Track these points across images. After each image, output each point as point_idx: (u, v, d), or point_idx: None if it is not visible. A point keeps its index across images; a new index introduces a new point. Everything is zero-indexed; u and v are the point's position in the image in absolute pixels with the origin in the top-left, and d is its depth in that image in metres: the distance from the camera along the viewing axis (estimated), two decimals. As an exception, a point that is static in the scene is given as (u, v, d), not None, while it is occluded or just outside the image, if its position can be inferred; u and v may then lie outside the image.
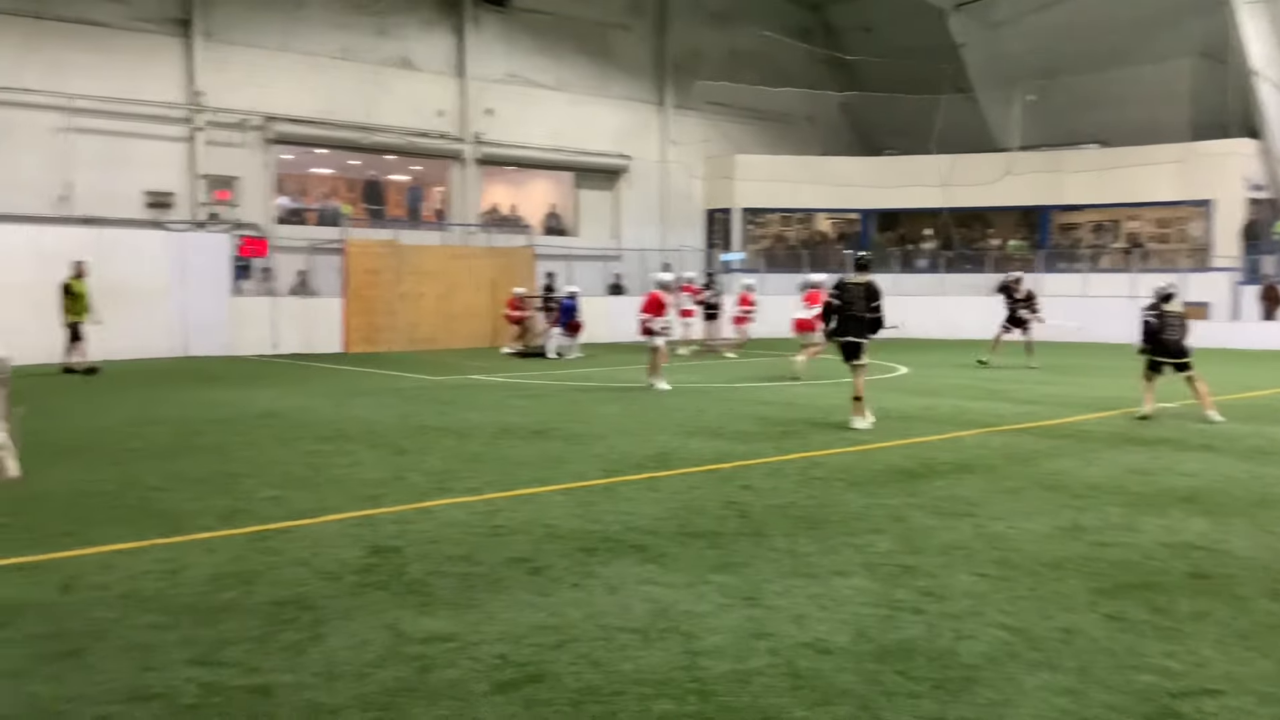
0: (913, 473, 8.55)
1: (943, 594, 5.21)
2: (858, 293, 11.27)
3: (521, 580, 5.43)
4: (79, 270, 17.76)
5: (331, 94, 25.07)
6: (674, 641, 4.51)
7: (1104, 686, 4.05)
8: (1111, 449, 9.81)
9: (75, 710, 3.79)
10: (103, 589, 5.26)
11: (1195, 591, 5.30)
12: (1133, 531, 6.56)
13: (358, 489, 7.83)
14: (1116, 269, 28.63)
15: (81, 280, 17.68)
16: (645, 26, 30.98)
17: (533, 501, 7.40)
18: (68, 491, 7.68)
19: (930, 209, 31.68)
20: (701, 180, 32.13)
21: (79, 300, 17.56)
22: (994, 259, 30.16)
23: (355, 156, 27.74)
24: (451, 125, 27.24)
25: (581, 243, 29.51)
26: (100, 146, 21.97)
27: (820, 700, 3.90)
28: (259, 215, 24.09)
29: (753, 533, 6.49)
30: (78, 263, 17.87)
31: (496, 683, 4.06)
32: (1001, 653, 4.40)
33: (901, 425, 11.35)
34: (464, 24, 27.17)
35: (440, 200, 29.03)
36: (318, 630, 4.64)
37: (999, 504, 7.36)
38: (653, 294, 15.58)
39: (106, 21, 22.02)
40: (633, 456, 9.29)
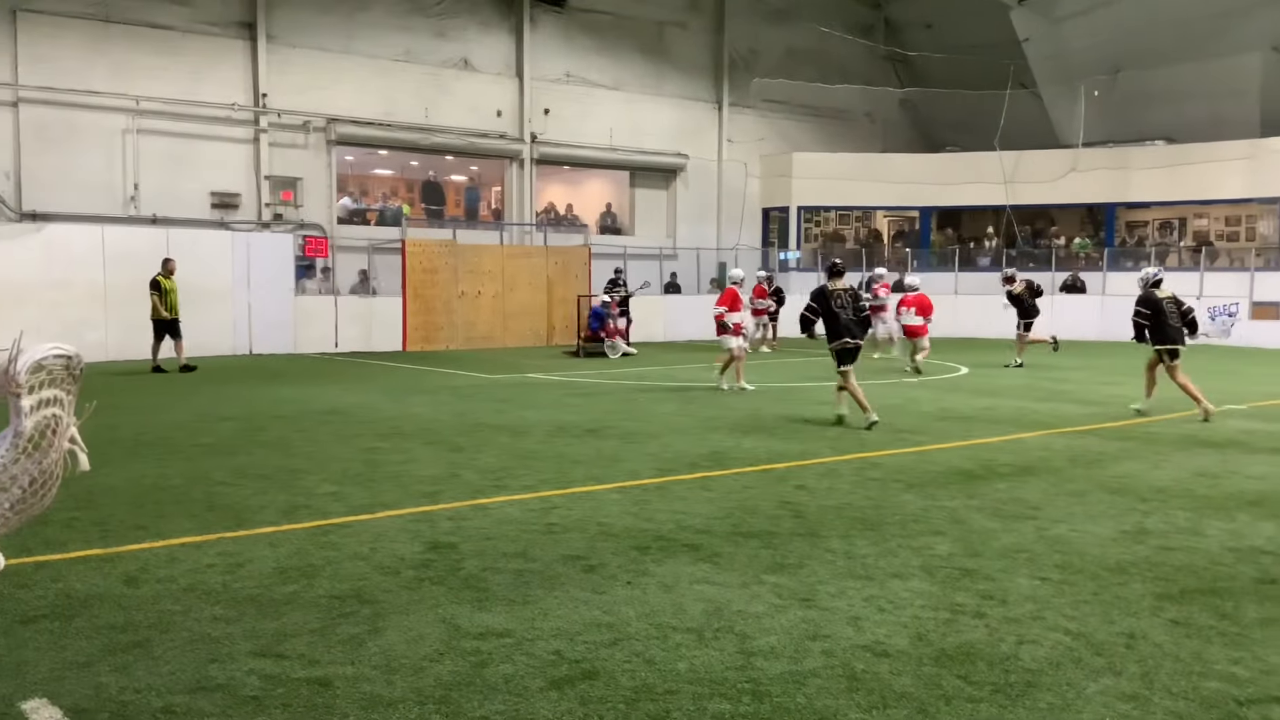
0: (973, 474, 8.45)
1: (1003, 597, 5.14)
2: (847, 299, 11.56)
3: (576, 578, 5.45)
4: (169, 268, 18.09)
5: (392, 95, 25.35)
6: (728, 641, 4.50)
7: (1168, 693, 3.97)
8: (1179, 451, 9.62)
9: (142, 700, 3.87)
10: (169, 581, 5.37)
11: (1263, 597, 5.18)
12: (1199, 535, 6.43)
13: (415, 485, 7.91)
14: (1184, 268, 28.03)
15: (171, 278, 18.02)
16: (702, 24, 30.91)
17: (587, 499, 7.43)
18: (137, 486, 7.85)
19: (992, 206, 31.25)
20: (758, 178, 32.00)
21: (169, 297, 17.86)
22: (1058, 257, 29.69)
23: (415, 157, 28.02)
24: (509, 125, 27.40)
25: (637, 242, 29.53)
26: (166, 148, 22.41)
27: (877, 703, 3.87)
28: (321, 215, 24.43)
29: (808, 533, 6.45)
30: (167, 260, 18.22)
31: (551, 679, 4.08)
32: (1063, 657, 4.33)
33: (961, 426, 11.22)
34: (522, 25, 27.31)
35: (497, 200, 29.23)
36: (376, 624, 4.70)
37: (1062, 506, 7.24)
38: (729, 289, 15.46)
39: (172, 25, 22.46)
40: (687, 455, 9.28)
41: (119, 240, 20.16)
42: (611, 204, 30.94)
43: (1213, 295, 25.98)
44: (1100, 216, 31.05)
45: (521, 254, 25.60)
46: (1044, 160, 30.14)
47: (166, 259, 18.31)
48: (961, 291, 29.06)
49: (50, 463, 1.61)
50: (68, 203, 21.11)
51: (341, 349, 22.36)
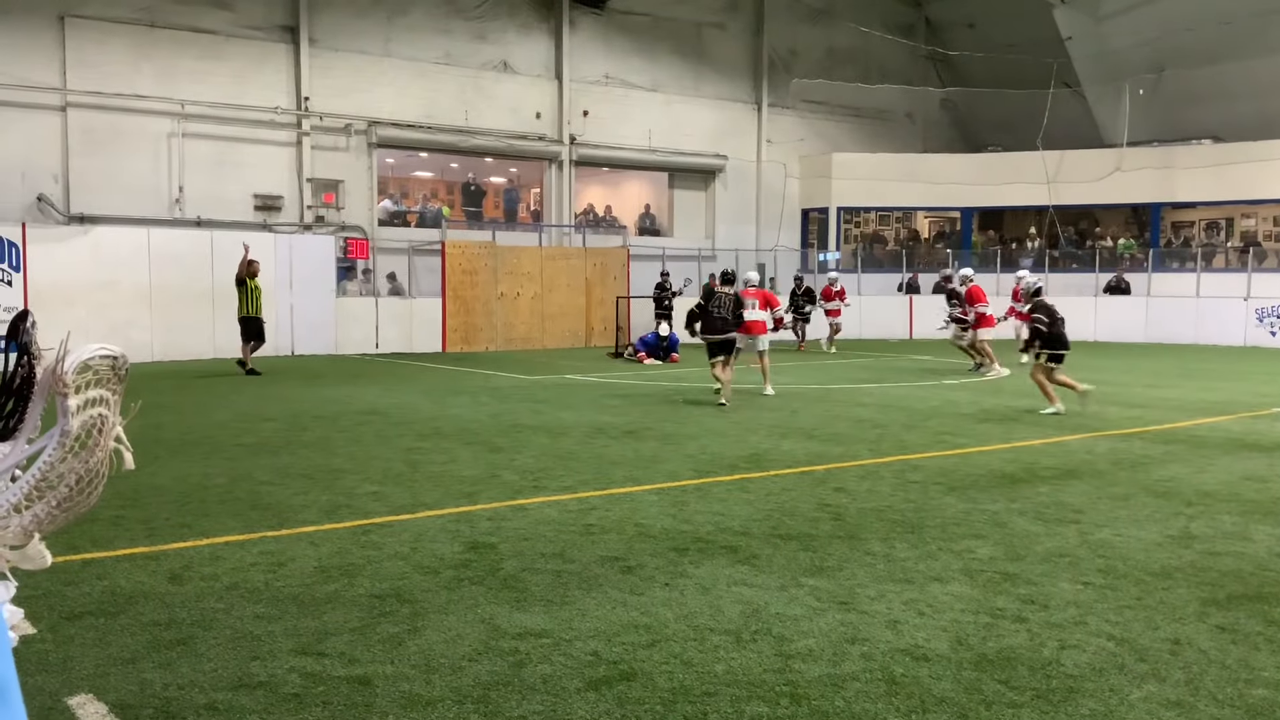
0: (1015, 477, 8.37)
1: (1045, 602, 5.08)
2: (727, 302, 13.28)
3: (614, 579, 5.46)
4: (254, 269, 18.16)
5: (433, 98, 25.51)
6: (766, 644, 4.48)
7: (1213, 700, 3.90)
8: (1226, 455, 9.46)
9: (185, 697, 3.92)
10: (212, 579, 5.44)
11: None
12: (1247, 540, 6.32)
13: (454, 485, 7.96)
14: (1231, 269, 27.60)
15: (255, 279, 18.10)
16: (741, 25, 30.83)
17: (625, 501, 7.43)
18: (182, 485, 7.95)
19: (1035, 206, 30.92)
20: (797, 179, 31.87)
21: (257, 296, 17.97)
22: (1102, 258, 29.33)
23: (454, 159, 28.17)
24: (549, 127, 27.49)
25: (676, 243, 29.51)
26: (210, 151, 22.69)
27: (916, 708, 3.84)
28: (362, 217, 24.64)
29: (847, 536, 6.42)
30: (253, 261, 18.24)
31: (589, 680, 4.08)
32: (1106, 663, 4.27)
33: (1003, 428, 11.11)
34: (561, 27, 27.38)
35: (536, 201, 29.33)
36: (416, 623, 4.73)
37: (1105, 510, 7.15)
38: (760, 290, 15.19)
39: (216, 29, 22.74)
40: (725, 457, 9.26)
41: (164, 242, 20.44)
42: (650, 205, 30.94)
43: (1261, 296, 25.53)
44: (1145, 217, 30.63)
45: (560, 255, 25.67)
46: (1088, 160, 29.78)
47: (252, 260, 18.26)
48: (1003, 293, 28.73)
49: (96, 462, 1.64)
50: (114, 205, 21.43)
51: (382, 350, 22.53)
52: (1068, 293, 28.33)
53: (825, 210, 31.70)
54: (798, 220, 32.26)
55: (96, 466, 1.63)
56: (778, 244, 31.00)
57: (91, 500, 1.70)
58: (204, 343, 20.55)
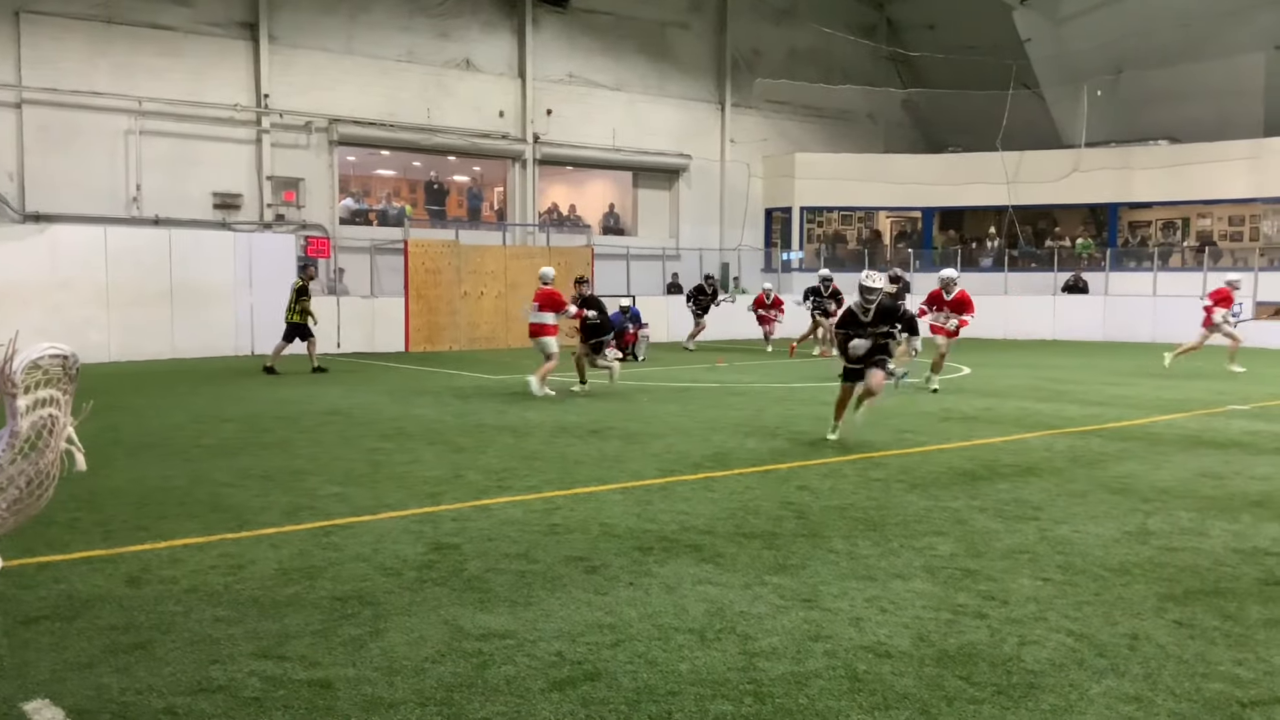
0: (975, 475, 8.44)
1: (1006, 598, 5.13)
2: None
3: (578, 579, 5.45)
4: (310, 273, 18.81)
5: (395, 96, 25.35)
6: (731, 642, 4.50)
7: (1171, 694, 3.96)
8: (1182, 452, 9.60)
9: (143, 702, 3.87)
10: (171, 582, 5.37)
11: (1267, 598, 5.17)
12: (1203, 536, 6.41)
13: (418, 486, 7.91)
14: (1187, 268, 28.00)
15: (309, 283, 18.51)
16: (705, 24, 30.89)
17: (590, 500, 7.42)
18: (139, 487, 7.85)
19: (995, 206, 31.22)
20: (761, 179, 31.99)
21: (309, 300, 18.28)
22: (1061, 257, 29.66)
23: (417, 158, 28.02)
24: (512, 126, 27.40)
25: (640, 242, 29.51)
26: (168, 148, 22.43)
27: (879, 704, 3.86)
28: (323, 216, 24.44)
29: (810, 534, 6.45)
30: (308, 266, 19.10)
31: (553, 680, 4.07)
32: (1066, 659, 4.32)
33: (964, 426, 11.21)
34: (524, 25, 27.31)
35: (500, 200, 29.23)
36: (378, 625, 4.70)
37: (1064, 507, 7.23)
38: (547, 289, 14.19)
39: (174, 25, 22.47)
40: (690, 456, 9.28)
41: (121, 241, 20.17)
42: (614, 204, 30.94)
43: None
44: (1103, 217, 31.02)
45: (524, 255, 25.58)
46: (1046, 160, 30.12)
47: (307, 265, 19.20)
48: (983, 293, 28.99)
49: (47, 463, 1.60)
50: (70, 204, 21.13)
51: (344, 350, 22.36)
52: (1027, 291, 28.71)
53: (788, 210, 31.85)
54: (761, 220, 32.39)
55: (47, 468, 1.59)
56: (741, 243, 31.10)
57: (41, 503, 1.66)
58: (162, 343, 20.30)
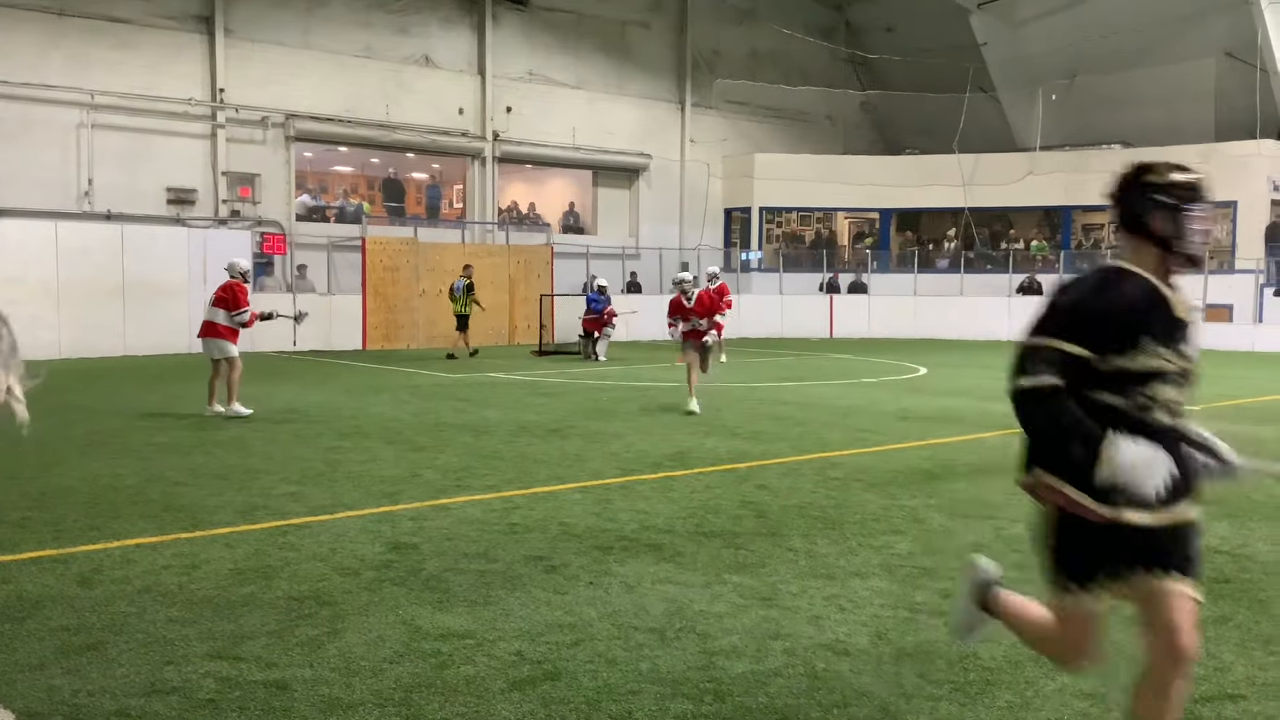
0: (932, 474, 8.52)
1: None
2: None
3: (538, 578, 5.44)
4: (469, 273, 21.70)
5: (353, 91, 25.14)
6: (690, 641, 4.50)
7: (1125, 690, 4.01)
8: (1132, 451, 9.73)
9: (95, 703, 3.81)
10: (123, 583, 5.29)
11: (1217, 596, 5.25)
12: (1154, 535, 6.50)
13: (375, 485, 7.85)
14: (1139, 270, 28.40)
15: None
16: (665, 24, 30.92)
17: (549, 499, 7.41)
18: (91, 486, 7.73)
19: (951, 209, 31.53)
20: (720, 179, 32.08)
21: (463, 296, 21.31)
22: (1016, 259, 30.01)
23: (375, 154, 27.82)
24: (471, 123, 27.28)
25: (600, 241, 29.50)
26: (122, 143, 22.10)
27: (838, 702, 3.88)
28: (279, 212, 24.19)
29: (769, 533, 6.47)
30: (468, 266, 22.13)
31: (513, 680, 4.06)
32: (1021, 656, 4.36)
33: (921, 426, 11.30)
34: (484, 22, 27.19)
35: (459, 198, 29.09)
36: (335, 626, 4.66)
37: (1020, 506, 7.31)
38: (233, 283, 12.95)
39: (128, 18, 22.14)
40: (649, 455, 9.28)
41: (73, 236, 19.84)
42: (574, 203, 30.90)
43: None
44: (1057, 219, 31.41)
45: (484, 253, 25.48)
46: (1002, 163, 30.45)
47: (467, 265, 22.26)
48: (921, 293, 29.30)
49: None
50: (21, 198, 20.72)
51: (300, 347, 22.14)
52: (983, 292, 28.99)
53: (748, 210, 31.96)
54: (720, 219, 32.48)
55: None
56: (701, 243, 31.16)
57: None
58: (114, 340, 20.00)
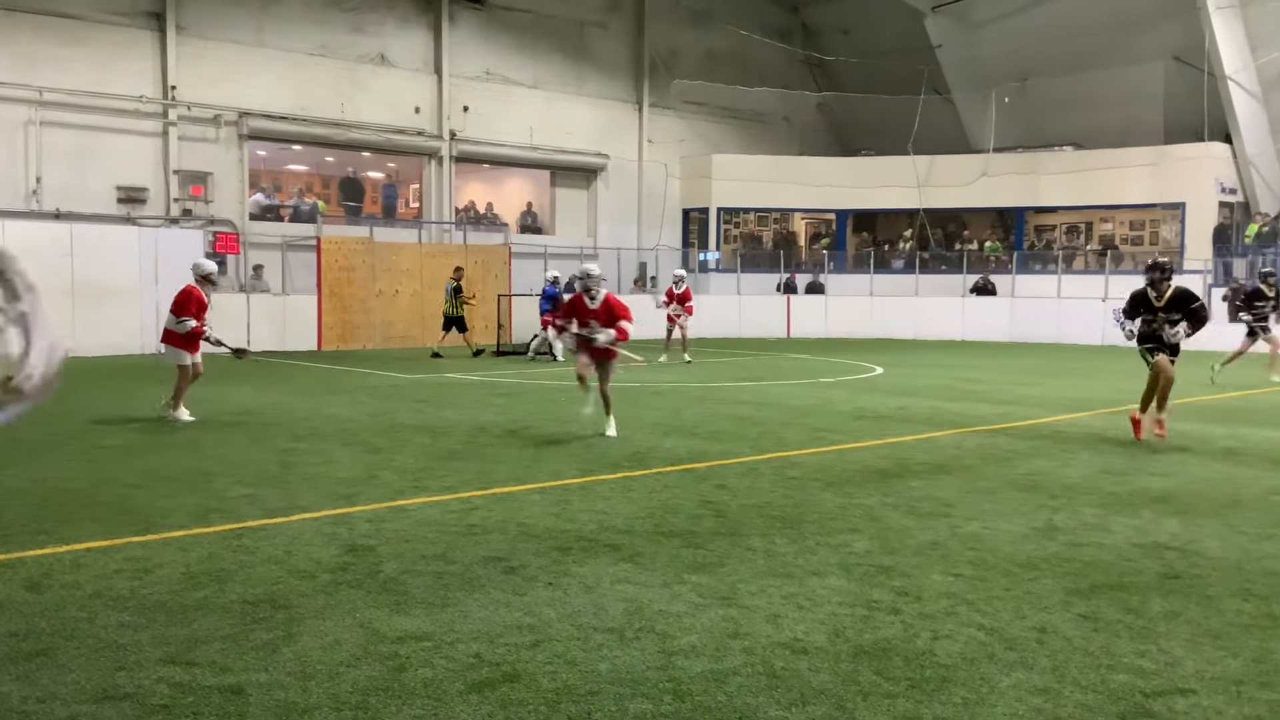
0: (889, 473, 8.58)
1: (919, 594, 5.22)
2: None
3: (496, 579, 5.41)
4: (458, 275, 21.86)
5: (307, 90, 24.90)
6: (650, 641, 4.50)
7: (1078, 686, 4.07)
8: (1087, 450, 9.88)
9: (45, 710, 3.74)
10: (74, 588, 5.20)
11: (1167, 591, 5.34)
12: (1107, 532, 6.61)
13: (332, 487, 7.78)
14: (1090, 271, 28.86)
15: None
16: (623, 25, 30.93)
17: (508, 500, 7.38)
18: (41, 489, 7.59)
19: (907, 209, 31.81)
20: (678, 179, 32.13)
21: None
22: (970, 259, 30.33)
23: (330, 153, 27.58)
24: (428, 122, 27.12)
25: (558, 241, 29.43)
26: (71, 141, 21.74)
27: (796, 700, 3.90)
28: (232, 211, 23.91)
29: (728, 532, 6.49)
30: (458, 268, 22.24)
31: (471, 682, 4.04)
32: (977, 652, 4.41)
33: (877, 425, 11.39)
34: (441, 21, 27.04)
35: (416, 197, 28.91)
36: (291, 629, 4.61)
37: (975, 504, 7.39)
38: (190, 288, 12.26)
39: (78, 14, 21.78)
40: (609, 456, 9.27)
41: (20, 235, 19.39)
42: (532, 203, 30.82)
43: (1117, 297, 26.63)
44: (1010, 220, 31.79)
45: (440, 252, 25.34)
46: (956, 165, 30.76)
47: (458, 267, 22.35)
48: (877, 294, 29.54)
49: None
50: (-35, 196, 20.36)
51: (254, 348, 21.87)
52: (937, 293, 29.29)
53: (705, 210, 32.06)
54: (679, 220, 32.53)
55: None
56: (659, 243, 31.20)
57: None
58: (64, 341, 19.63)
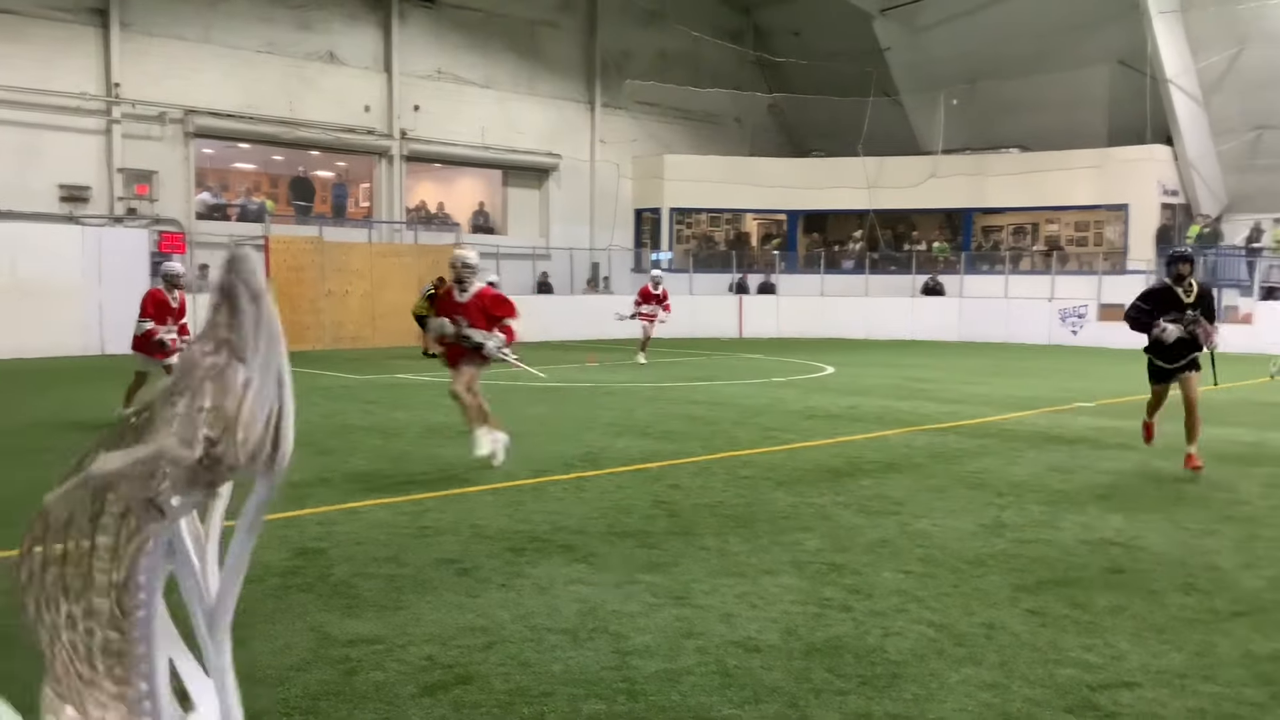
0: (839, 471, 8.64)
1: (869, 591, 5.27)
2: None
3: (449, 581, 5.38)
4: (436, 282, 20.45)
5: (255, 88, 24.59)
6: (603, 641, 4.50)
7: (1025, 680, 4.12)
8: (1034, 448, 10.02)
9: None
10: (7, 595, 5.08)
11: (1112, 586, 5.43)
12: (1053, 529, 6.71)
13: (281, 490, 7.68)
14: (1036, 271, 29.29)
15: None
16: (575, 24, 30.88)
17: (461, 501, 7.34)
18: (-24, 494, 7.42)
19: (857, 210, 32.07)
20: (630, 180, 32.14)
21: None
22: (919, 260, 30.65)
23: (279, 151, 27.26)
24: (378, 121, 26.89)
25: (510, 241, 29.32)
26: (11, 138, 21.29)
27: (750, 698, 3.92)
28: (178, 210, 23.55)
29: (682, 532, 6.50)
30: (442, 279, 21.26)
31: (424, 685, 4.01)
32: (927, 649, 4.46)
33: (828, 424, 11.47)
34: (391, 19, 26.83)
35: (366, 197, 28.66)
36: (240, 634, 4.49)
37: (924, 502, 7.47)
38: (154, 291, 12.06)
39: (19, 9, 21.33)
40: (561, 456, 9.26)
41: (-42, 234, 19.06)
42: (484, 203, 30.68)
43: (1063, 298, 27.19)
44: (958, 221, 32.16)
45: (391, 252, 25.15)
46: (905, 166, 31.06)
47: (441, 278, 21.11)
48: (828, 294, 29.76)
49: None
50: (-99, 194, 19.88)
51: (201, 349, 21.57)
52: (887, 293, 29.57)
53: (658, 211, 32.09)
54: (631, 220, 32.55)
55: None
56: (611, 244, 31.19)
57: None
58: (4, 342, 19.24)
